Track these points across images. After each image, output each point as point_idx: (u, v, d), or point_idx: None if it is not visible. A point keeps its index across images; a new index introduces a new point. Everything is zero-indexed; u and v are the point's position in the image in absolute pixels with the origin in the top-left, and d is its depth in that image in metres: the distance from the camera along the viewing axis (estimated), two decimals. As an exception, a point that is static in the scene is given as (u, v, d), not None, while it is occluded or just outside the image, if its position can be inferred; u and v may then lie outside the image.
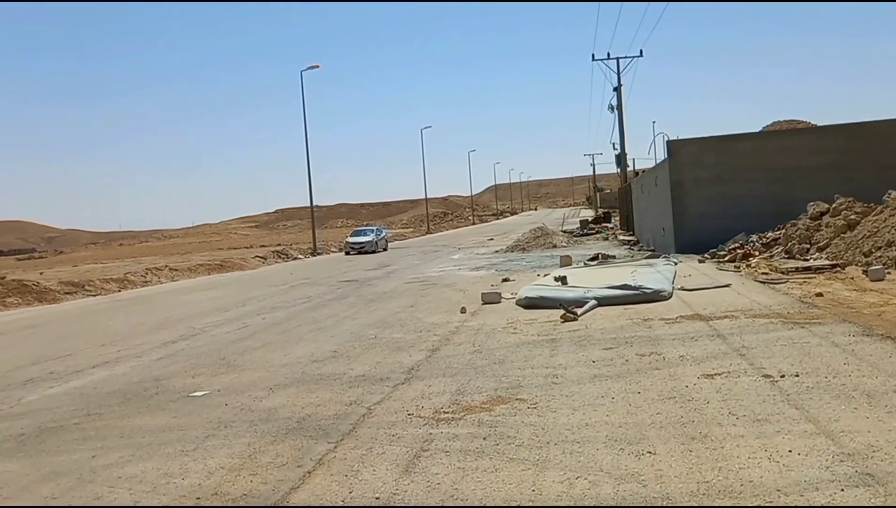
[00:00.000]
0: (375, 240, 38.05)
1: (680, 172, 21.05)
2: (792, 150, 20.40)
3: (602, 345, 8.26)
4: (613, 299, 11.40)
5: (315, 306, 14.93)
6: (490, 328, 10.15)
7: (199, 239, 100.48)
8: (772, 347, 7.35)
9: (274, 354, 9.60)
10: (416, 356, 8.60)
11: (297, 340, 10.64)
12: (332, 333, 11.02)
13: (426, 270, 23.28)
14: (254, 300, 17.07)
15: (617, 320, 9.99)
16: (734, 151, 20.85)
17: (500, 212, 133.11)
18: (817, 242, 16.15)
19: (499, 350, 8.48)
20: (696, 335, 8.36)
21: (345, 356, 9.03)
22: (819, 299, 10.24)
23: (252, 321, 13.38)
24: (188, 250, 61.72)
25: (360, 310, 13.68)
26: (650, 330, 8.94)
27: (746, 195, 20.38)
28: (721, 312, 9.81)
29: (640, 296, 11.41)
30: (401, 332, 10.52)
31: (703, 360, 7.05)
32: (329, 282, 20.97)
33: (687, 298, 11.50)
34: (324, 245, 43.40)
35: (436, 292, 15.81)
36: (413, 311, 12.83)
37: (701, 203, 20.79)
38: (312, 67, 40.97)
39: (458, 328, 10.43)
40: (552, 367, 7.35)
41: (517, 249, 29.86)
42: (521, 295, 12.44)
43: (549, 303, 11.64)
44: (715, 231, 20.03)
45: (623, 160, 42.76)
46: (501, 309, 12.10)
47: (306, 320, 12.87)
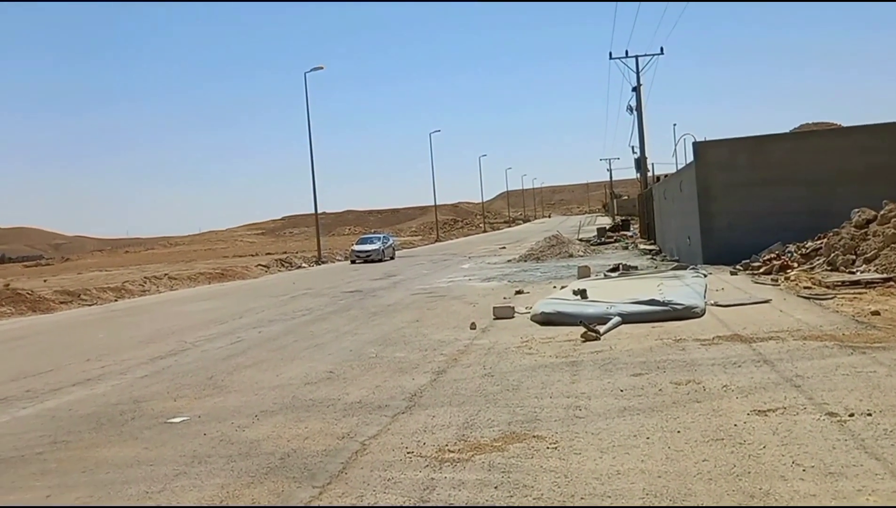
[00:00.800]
0: (382, 248, 37.36)
1: (708, 177, 20.21)
2: (832, 152, 19.45)
3: (630, 370, 7.50)
4: (639, 316, 10.62)
5: (314, 320, 14.24)
6: (502, 348, 9.41)
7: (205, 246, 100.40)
8: (831, 377, 6.55)
9: (265, 374, 8.90)
10: (419, 379, 7.87)
11: (292, 358, 9.94)
12: (330, 350, 10.31)
13: (434, 280, 22.57)
14: (252, 312, 16.41)
15: (645, 340, 9.21)
16: (768, 153, 19.98)
17: (512, 219, 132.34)
18: (864, 252, 15.27)
19: (512, 374, 7.73)
20: (738, 359, 7.58)
21: (341, 377, 8.31)
22: (876, 318, 9.42)
23: (247, 334, 12.71)
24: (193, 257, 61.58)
25: (361, 324, 12.97)
26: (684, 353, 8.16)
27: (781, 202, 19.49)
28: (764, 332, 9.01)
29: (670, 313, 10.62)
30: (404, 350, 9.80)
31: (751, 392, 6.27)
32: (332, 293, 20.29)
33: (722, 315, 10.70)
34: (329, 253, 42.78)
35: (444, 306, 15.08)
36: (419, 326, 12.10)
37: (731, 210, 19.93)
38: (317, 69, 40.49)
39: (468, 347, 9.70)
40: (574, 396, 6.59)
41: (531, 258, 29.09)
42: (537, 310, 11.69)
43: (567, 319, 10.87)
44: (746, 241, 19.18)
45: (643, 164, 41.89)
46: (515, 325, 11.36)
47: (304, 335, 12.18)
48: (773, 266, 16.47)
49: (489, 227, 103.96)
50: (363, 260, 36.33)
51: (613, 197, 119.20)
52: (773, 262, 16.71)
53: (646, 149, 41.61)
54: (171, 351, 11.30)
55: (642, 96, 40.76)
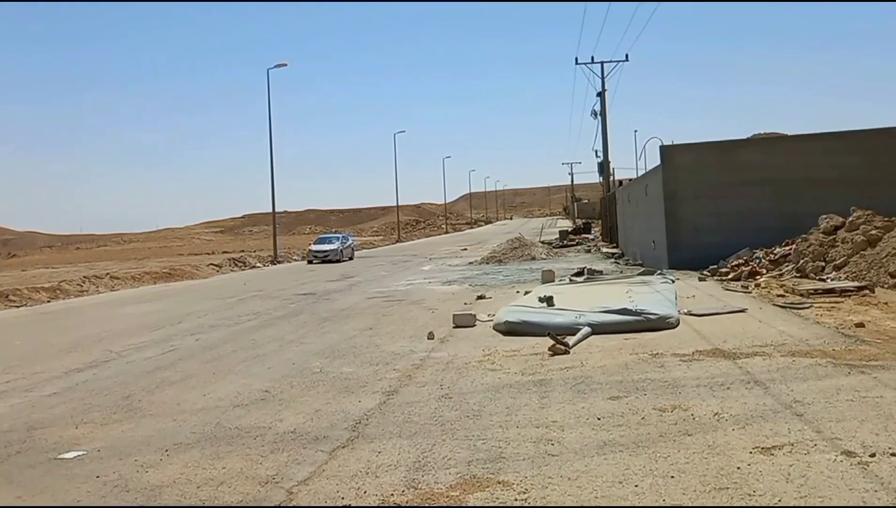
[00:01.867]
0: (340, 248, 36.08)
1: (675, 181, 19.56)
2: (799, 158, 18.96)
3: (606, 392, 6.57)
4: (611, 327, 9.73)
5: (260, 326, 13.07)
6: (462, 362, 8.41)
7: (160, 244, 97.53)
8: (835, 403, 5.71)
9: (191, 393, 7.76)
10: (366, 401, 6.83)
11: (226, 372, 8.79)
12: (271, 363, 9.19)
13: (393, 283, 21.50)
14: (193, 316, 15.13)
15: (618, 354, 8.31)
16: (735, 158, 19.42)
17: (474, 221, 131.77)
18: (833, 259, 14.71)
19: (473, 396, 6.74)
20: (725, 380, 6.70)
21: (277, 398, 7.22)
22: (862, 331, 8.69)
23: (183, 342, 11.50)
24: (147, 255, 59.43)
25: (309, 332, 11.85)
26: (664, 371, 7.26)
27: (748, 207, 18.94)
28: (747, 346, 8.19)
29: (643, 323, 9.76)
30: (353, 365, 8.73)
31: (748, 421, 5.38)
32: (283, 295, 19.08)
33: (698, 326, 9.88)
34: (286, 253, 41.33)
35: (401, 311, 14.04)
36: (371, 335, 11.04)
37: (697, 215, 19.30)
38: (280, 66, 39.04)
39: (424, 361, 8.68)
40: (544, 426, 5.62)
41: (493, 260, 28.21)
42: (500, 318, 10.73)
43: (533, 329, 9.94)
44: (713, 246, 18.56)
45: (606, 168, 41.47)
46: (476, 335, 10.38)
47: (245, 343, 11.01)
48: (742, 272, 15.85)
49: (451, 228, 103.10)
50: (321, 260, 35.04)
51: (574, 201, 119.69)
52: (742, 268, 16.08)
53: (609, 153, 41.23)
54: (92, 362, 10.04)
55: (607, 102, 40.40)
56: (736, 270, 16.32)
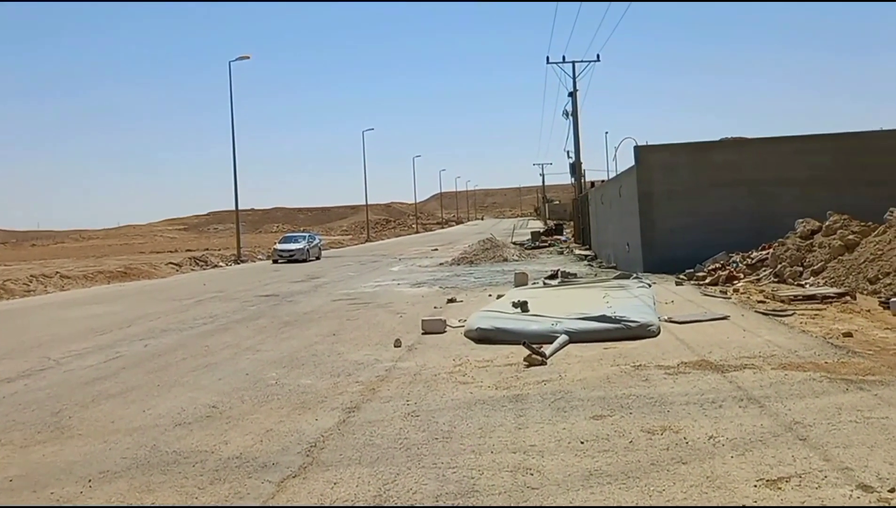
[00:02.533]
0: (307, 248, 35.20)
1: (649, 182, 19.22)
2: (774, 160, 18.80)
3: (588, 410, 6.02)
4: (589, 335, 9.22)
5: (216, 330, 12.33)
6: (431, 374, 7.82)
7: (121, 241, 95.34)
8: (837, 424, 5.23)
9: (129, 408, 7.05)
10: (324, 419, 6.20)
11: (172, 383, 8.09)
12: (222, 373, 8.49)
13: (360, 284, 20.82)
14: (145, 319, 14.31)
15: (599, 365, 7.79)
16: (709, 159, 19.18)
17: (445, 221, 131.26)
18: (811, 264, 14.42)
19: (443, 414, 6.15)
20: (716, 396, 6.21)
21: (225, 415, 6.55)
22: (851, 341, 8.30)
23: (129, 349, 10.73)
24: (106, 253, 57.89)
25: (268, 338, 11.16)
26: (649, 385, 6.75)
27: (723, 208, 18.72)
28: (734, 358, 7.72)
29: (623, 331, 9.26)
30: (312, 376, 8.08)
31: (748, 447, 4.87)
32: (244, 297, 18.30)
33: (680, 333, 9.41)
34: (250, 252, 40.32)
35: (367, 315, 13.40)
36: (334, 342, 10.39)
37: (672, 217, 19.00)
38: (242, 58, 38.04)
39: (390, 372, 8.07)
40: (522, 451, 5.06)
41: (464, 262, 27.66)
42: (472, 324, 10.15)
43: (507, 337, 9.39)
44: (687, 249, 18.27)
45: (578, 169, 41.16)
46: (447, 342, 9.79)
47: (197, 350, 10.29)
48: (720, 277, 15.50)
49: (422, 228, 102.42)
50: (286, 260, 34.16)
51: (545, 201, 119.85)
52: (719, 272, 15.74)
53: (580, 154, 40.95)
54: (26, 371, 9.24)
55: (578, 102, 40.10)
56: (713, 274, 15.97)
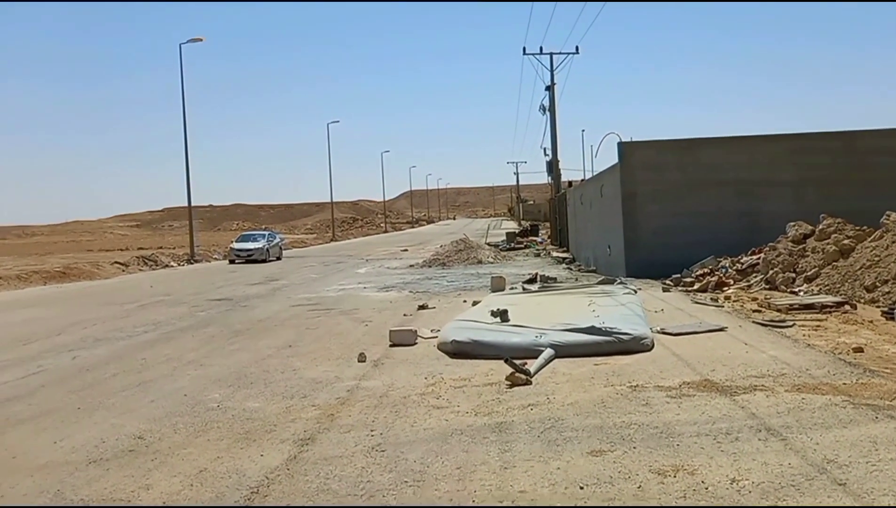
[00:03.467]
0: (266, 247, 34.11)
1: (633, 181, 18.70)
2: (762, 158, 18.42)
3: (585, 443, 5.33)
4: (577, 348, 8.54)
5: (157, 340, 11.43)
6: (400, 395, 7.07)
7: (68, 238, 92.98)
8: (878, 464, 4.60)
9: (39, 438, 6.19)
10: (271, 455, 5.41)
11: (96, 406, 7.22)
12: (156, 394, 7.64)
13: (322, 287, 19.96)
14: (79, 326, 13.33)
15: (591, 385, 7.11)
16: (697, 158, 18.71)
17: (415, 220, 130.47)
18: (804, 270, 13.97)
19: (414, 448, 5.41)
20: (729, 426, 5.55)
21: (152, 448, 5.73)
22: (862, 356, 7.77)
23: (55, 362, 9.80)
24: (50, 250, 56.18)
25: (215, 350, 10.30)
26: (650, 411, 6.08)
27: (710, 211, 18.29)
28: (741, 377, 7.10)
29: (615, 344, 8.60)
30: (261, 397, 7.27)
31: (779, 494, 4.21)
32: (194, 301, 17.34)
33: (676, 347, 8.79)
34: (206, 251, 39.12)
35: (328, 323, 12.59)
36: (290, 355, 9.57)
37: (657, 218, 18.51)
38: (195, 41, 36.82)
39: (352, 392, 7.30)
40: (510, 498, 4.34)
41: (436, 263, 26.93)
42: (446, 336, 9.41)
43: (486, 351, 8.69)
44: (672, 252, 17.81)
45: (555, 167, 40.67)
46: (418, 356, 9.05)
47: (132, 364, 9.40)
48: (709, 283, 15.00)
49: (391, 227, 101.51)
50: (244, 260, 33.07)
51: (520, 201, 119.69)
52: (709, 278, 15.23)
53: (558, 152, 40.49)
54: (-72, 390, 8.29)
55: (556, 97, 39.62)
56: (701, 280, 15.47)
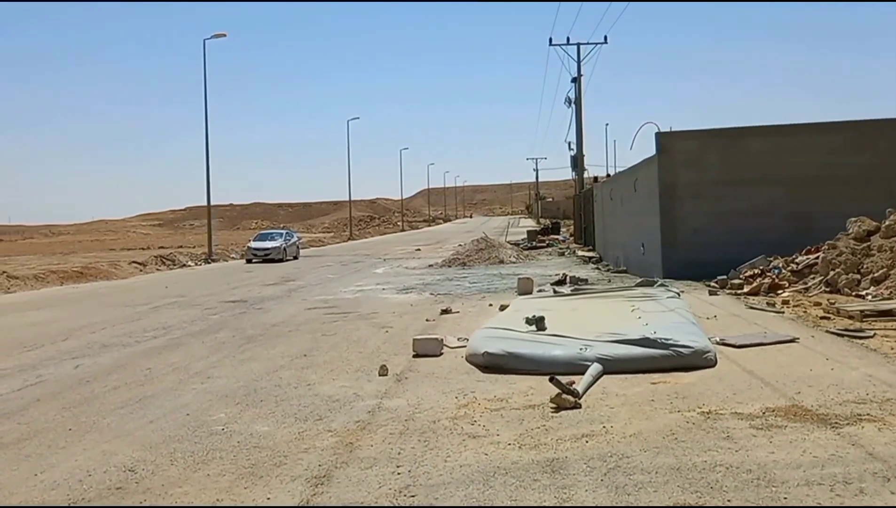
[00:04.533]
0: (284, 246, 33.29)
1: (673, 175, 17.56)
2: (817, 150, 17.12)
3: (661, 491, 4.32)
4: (628, 364, 7.53)
5: (165, 347, 10.55)
6: (429, 419, 6.11)
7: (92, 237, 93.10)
8: None
9: (19, 468, 5.30)
10: (280, 498, 4.46)
11: (88, 427, 6.33)
12: (157, 412, 6.74)
13: (340, 288, 19.06)
14: (86, 330, 12.51)
15: (652, 410, 6.11)
16: (744, 149, 17.48)
17: (432, 218, 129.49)
18: (870, 271, 12.81)
19: (449, 494, 4.43)
20: (844, 472, 4.50)
21: (143, 486, 4.81)
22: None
23: (56, 371, 8.96)
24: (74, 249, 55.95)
25: (225, 358, 9.40)
26: (735, 447, 5.06)
27: (755, 206, 17.10)
28: (836, 402, 6.04)
29: (672, 359, 7.58)
30: (271, 419, 6.34)
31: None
32: (207, 303, 16.50)
33: (744, 362, 7.75)
34: (223, 251, 38.40)
35: (346, 329, 11.65)
36: (304, 366, 8.63)
37: (698, 215, 17.37)
38: (218, 36, 36.09)
39: (373, 415, 6.34)
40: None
41: (456, 263, 25.95)
42: (477, 347, 8.43)
43: (523, 365, 7.71)
44: (714, 252, 16.70)
45: (580, 163, 39.48)
46: (445, 369, 8.09)
47: (136, 375, 8.52)
48: (761, 285, 13.87)
49: (408, 225, 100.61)
50: (261, 259, 32.28)
51: (538, 199, 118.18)
52: (761, 280, 14.10)
53: (583, 146, 39.33)
54: None
55: (582, 89, 38.45)
56: (751, 281, 14.37)
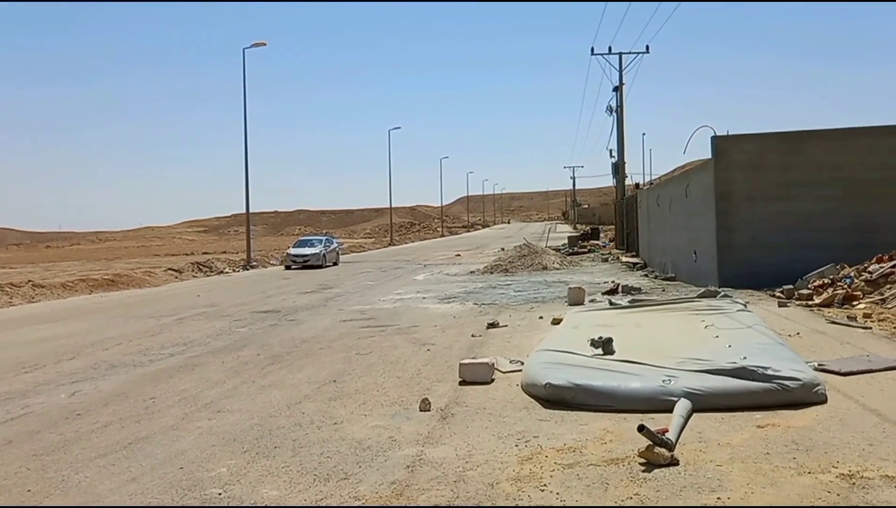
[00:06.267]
0: (323, 252, 31.98)
1: (729, 180, 15.85)
2: (883, 154, 15.37)
3: None
4: (722, 400, 5.93)
5: (178, 368, 9.20)
6: (484, 479, 4.60)
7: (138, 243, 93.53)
8: None
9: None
10: None
11: (53, 487, 4.96)
12: (144, 464, 5.33)
13: (378, 297, 17.66)
14: (98, 347, 11.24)
15: (772, 469, 4.51)
16: (804, 153, 15.71)
17: (471, 224, 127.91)
18: (958, 281, 10.98)
19: None
20: None
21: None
22: None
23: (47, 401, 7.65)
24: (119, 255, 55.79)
25: (243, 384, 8.00)
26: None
27: (817, 212, 15.37)
28: None
29: (777, 394, 5.95)
30: (284, 478, 4.88)
31: None
32: (237, 313, 15.21)
33: (858, 395, 6.09)
34: (262, 257, 37.35)
35: (383, 346, 10.20)
36: (332, 396, 7.18)
37: (756, 221, 15.65)
38: (258, 45, 35.07)
39: (412, 472, 4.86)
40: None
41: (498, 270, 24.38)
42: (535, 375, 6.88)
43: (595, 400, 6.16)
44: (773, 260, 15.11)
45: (621, 170, 37.75)
46: (498, 403, 6.57)
47: (134, 408, 7.16)
48: (835, 296, 12.09)
49: (447, 231, 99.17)
50: (300, 266, 31.07)
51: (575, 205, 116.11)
52: (833, 291, 12.30)
53: (624, 154, 37.54)
54: None
55: (623, 97, 36.73)
56: (821, 292, 12.61)
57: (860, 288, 12.55)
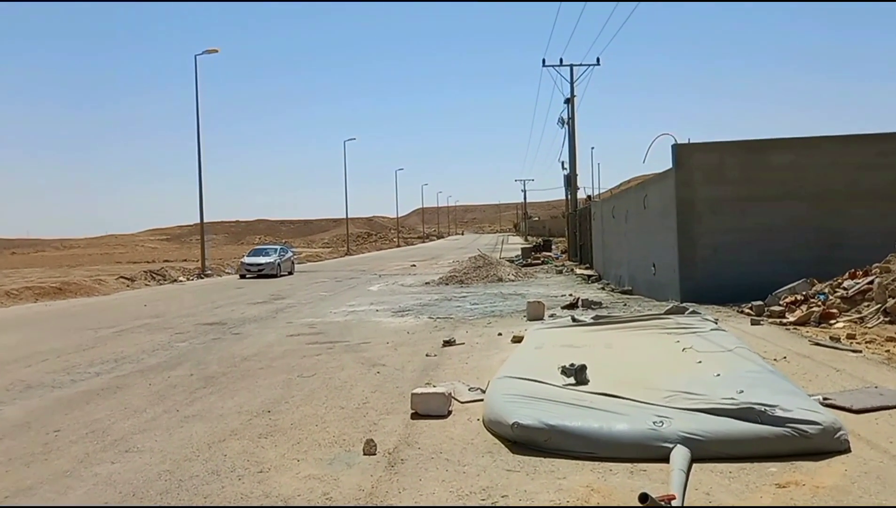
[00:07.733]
0: (278, 261, 30.33)
1: (691, 189, 14.90)
2: (847, 163, 14.61)
3: None
4: (727, 447, 4.76)
5: (99, 391, 7.71)
6: (443, 570, 3.32)
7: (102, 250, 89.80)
8: None
9: None
10: None
11: None
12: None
13: (330, 309, 16.24)
14: (20, 364, 9.66)
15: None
16: (766, 163, 14.87)
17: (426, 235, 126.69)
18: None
19: None
20: None
21: None
22: None
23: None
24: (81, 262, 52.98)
25: (163, 415, 6.57)
26: None
27: (782, 224, 14.51)
28: None
29: (793, 441, 4.80)
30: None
31: None
32: (181, 325, 13.64)
33: (880, 438, 4.99)
34: (217, 265, 35.47)
35: (329, 367, 8.83)
36: (263, 433, 5.81)
37: (718, 233, 14.72)
38: (210, 52, 33.27)
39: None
40: None
41: (454, 281, 23.15)
42: (500, 410, 5.62)
43: (573, 445, 4.93)
44: (736, 273, 14.21)
45: (573, 182, 36.92)
46: (457, 445, 5.30)
47: (27, 447, 5.70)
48: (811, 314, 11.13)
49: (403, 242, 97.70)
50: (255, 275, 29.38)
51: (526, 218, 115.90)
52: (808, 308, 11.36)
53: (576, 166, 36.79)
54: None
55: (575, 110, 35.99)
56: (793, 309, 11.65)
57: (836, 305, 11.62)
